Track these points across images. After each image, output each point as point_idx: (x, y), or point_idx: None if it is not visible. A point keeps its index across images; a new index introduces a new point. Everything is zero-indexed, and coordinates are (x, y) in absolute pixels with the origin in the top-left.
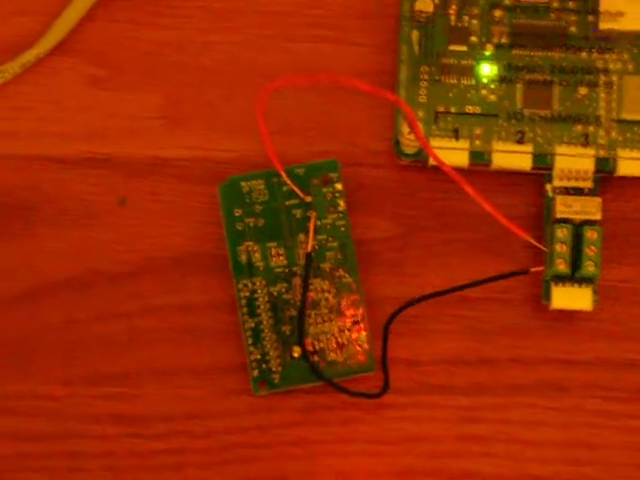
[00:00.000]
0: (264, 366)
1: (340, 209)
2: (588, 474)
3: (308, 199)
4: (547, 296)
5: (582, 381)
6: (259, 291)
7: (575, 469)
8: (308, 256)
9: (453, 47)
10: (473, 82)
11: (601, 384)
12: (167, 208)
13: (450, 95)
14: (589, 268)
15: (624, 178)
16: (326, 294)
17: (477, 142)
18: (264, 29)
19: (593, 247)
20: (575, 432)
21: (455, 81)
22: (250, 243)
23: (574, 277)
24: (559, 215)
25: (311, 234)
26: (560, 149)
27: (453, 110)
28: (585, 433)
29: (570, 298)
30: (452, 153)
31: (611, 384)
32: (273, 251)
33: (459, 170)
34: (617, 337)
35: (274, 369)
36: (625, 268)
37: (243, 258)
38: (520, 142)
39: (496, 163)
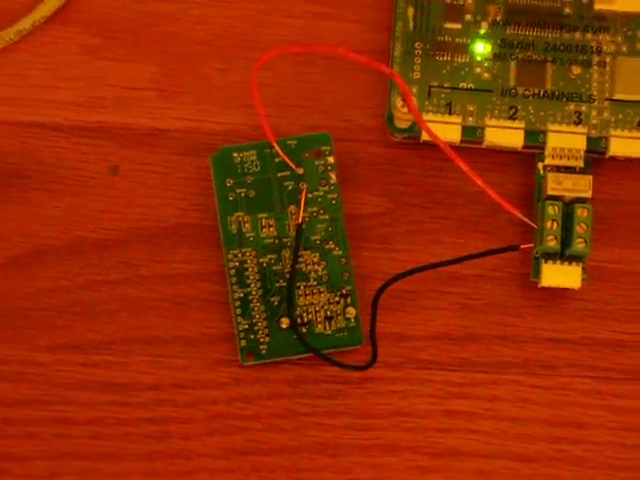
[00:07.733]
0: (252, 337)
1: (332, 182)
2: (575, 453)
3: (300, 171)
4: (536, 274)
5: (570, 360)
6: (249, 261)
7: (561, 447)
8: (298, 227)
9: (448, 25)
10: (467, 60)
11: (589, 363)
12: (158, 178)
13: (444, 72)
14: (579, 245)
15: (615, 160)
16: (315, 266)
17: (470, 118)
18: (260, 4)
19: (583, 224)
20: (562, 411)
21: (449, 58)
22: (241, 214)
23: (564, 255)
24: (550, 192)
25: (302, 206)
26: (552, 127)
27: (447, 86)
28: (572, 412)
29: (559, 276)
30: (445, 128)
31: (599, 364)
32: (264, 222)
33: (451, 147)
34: (605, 317)
35: (262, 340)
36: (615, 249)
37: (233, 228)
38: (513, 118)
39: (488, 139)
